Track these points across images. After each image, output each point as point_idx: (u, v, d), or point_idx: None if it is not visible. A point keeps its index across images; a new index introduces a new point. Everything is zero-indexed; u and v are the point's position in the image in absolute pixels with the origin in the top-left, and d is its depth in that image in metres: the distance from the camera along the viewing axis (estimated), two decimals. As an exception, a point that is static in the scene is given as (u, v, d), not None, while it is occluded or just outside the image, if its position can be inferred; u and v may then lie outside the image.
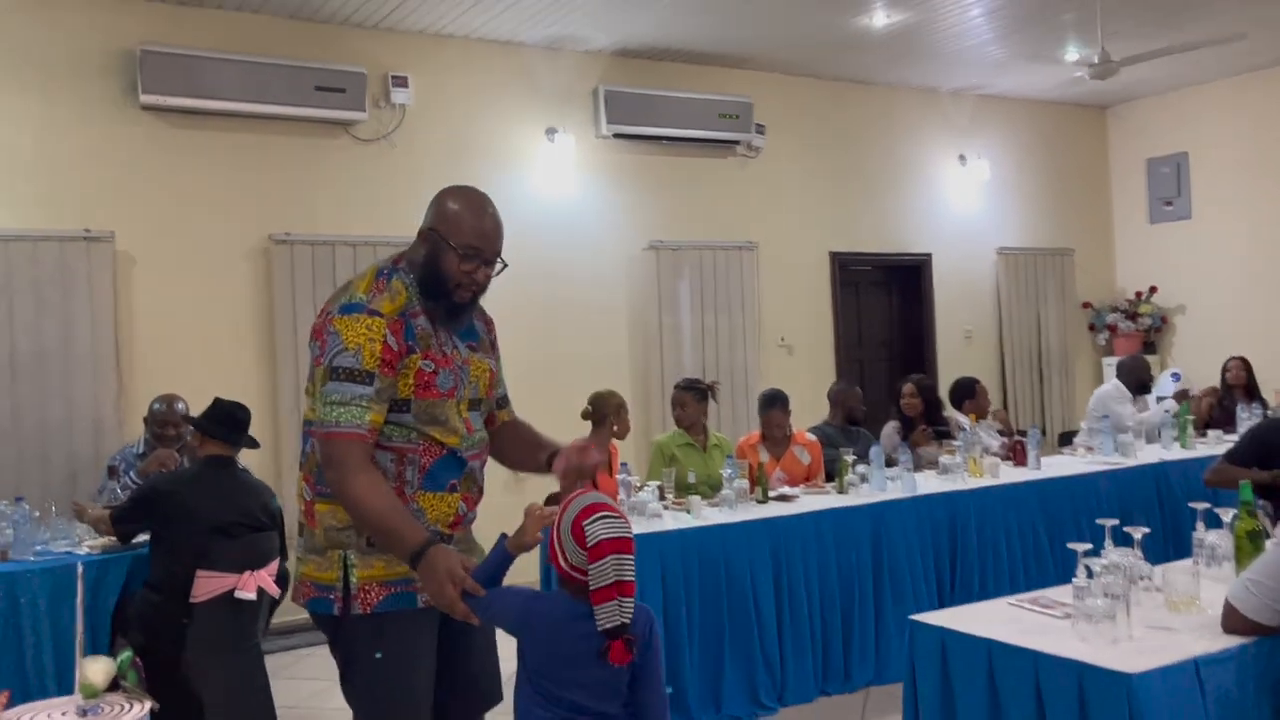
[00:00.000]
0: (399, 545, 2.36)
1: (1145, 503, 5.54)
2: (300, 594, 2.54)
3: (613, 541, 2.05)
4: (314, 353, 2.50)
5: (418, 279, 2.55)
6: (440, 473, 2.53)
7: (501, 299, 6.64)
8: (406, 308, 2.51)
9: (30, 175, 5.53)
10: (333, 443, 2.40)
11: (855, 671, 4.62)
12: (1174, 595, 2.66)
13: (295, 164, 6.16)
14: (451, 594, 2.25)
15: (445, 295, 2.54)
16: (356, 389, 2.40)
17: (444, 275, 2.53)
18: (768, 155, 7.79)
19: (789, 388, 5.87)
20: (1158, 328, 9.20)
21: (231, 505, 4.04)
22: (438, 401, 2.51)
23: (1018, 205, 9.10)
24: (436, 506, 2.54)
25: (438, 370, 2.52)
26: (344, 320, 2.44)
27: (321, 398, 2.43)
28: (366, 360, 2.40)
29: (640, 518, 4.35)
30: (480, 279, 2.58)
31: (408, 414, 2.48)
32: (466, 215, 2.55)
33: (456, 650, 2.62)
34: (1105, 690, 2.20)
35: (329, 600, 2.47)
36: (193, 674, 3.90)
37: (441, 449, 2.53)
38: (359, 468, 2.39)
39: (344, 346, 2.41)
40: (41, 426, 5.37)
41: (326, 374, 2.42)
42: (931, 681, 2.61)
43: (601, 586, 2.02)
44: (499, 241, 2.59)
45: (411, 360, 2.47)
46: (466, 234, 2.53)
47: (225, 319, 5.88)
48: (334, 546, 2.48)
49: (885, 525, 4.74)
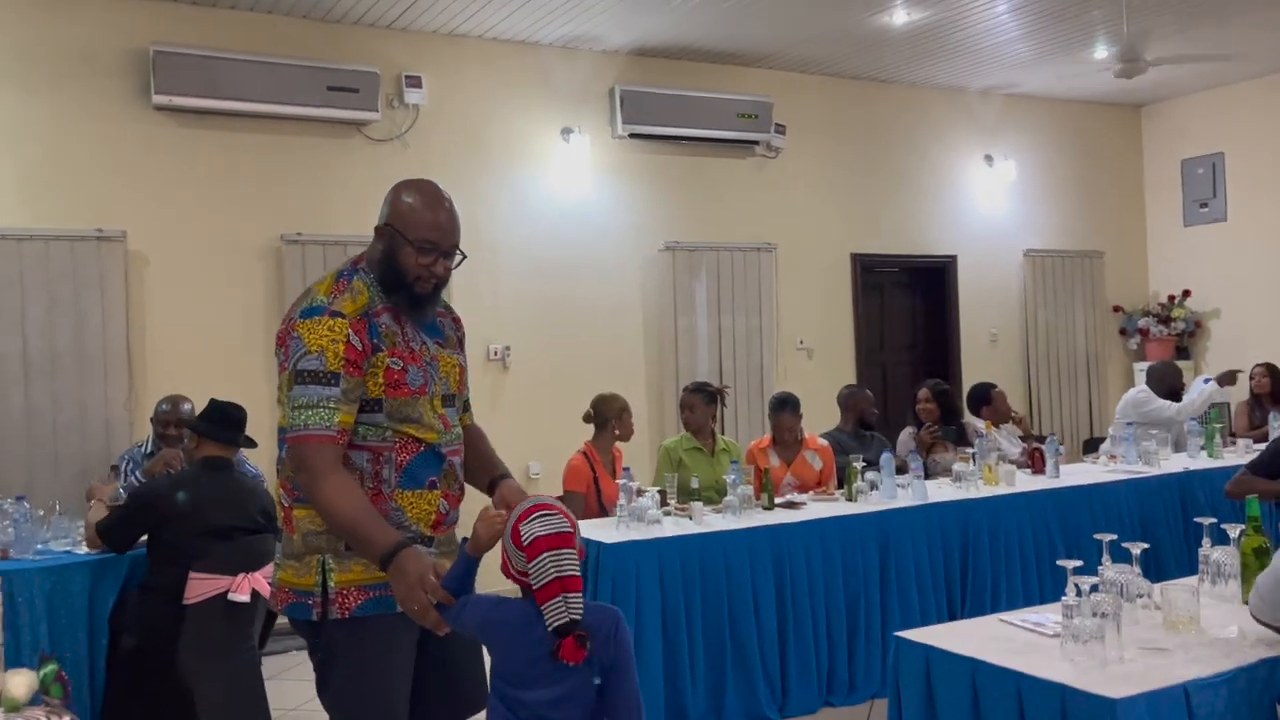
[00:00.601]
0: (369, 548, 2.33)
1: (1167, 514, 5.38)
2: (279, 599, 2.53)
3: (548, 538, 2.03)
4: (279, 360, 2.49)
5: (377, 275, 2.54)
6: (419, 470, 2.51)
7: (515, 300, 6.72)
8: (369, 307, 2.49)
9: (43, 175, 5.57)
10: (302, 446, 2.38)
11: (860, 682, 4.52)
12: (1173, 614, 2.55)
13: (308, 164, 6.16)
14: (423, 600, 2.22)
15: (405, 288, 2.53)
16: (322, 391, 2.38)
17: (402, 269, 2.52)
18: (787, 155, 7.68)
19: (807, 392, 5.79)
20: (1191, 332, 8.97)
21: (228, 507, 4.02)
22: (409, 400, 2.49)
23: (1046, 206, 8.91)
24: (416, 505, 2.51)
25: (406, 367, 2.50)
26: (306, 324, 2.43)
27: (289, 402, 2.42)
28: (330, 362, 2.39)
29: (639, 524, 4.29)
30: (439, 271, 2.55)
31: (379, 413, 2.46)
32: (421, 209, 2.54)
33: (438, 654, 2.59)
34: (1088, 715, 2.11)
35: (307, 605, 2.45)
36: (187, 676, 3.89)
37: (419, 445, 2.51)
38: (329, 470, 2.37)
39: (307, 350, 2.40)
40: (53, 425, 5.41)
41: (292, 379, 2.41)
42: (915, 700, 2.52)
43: (544, 585, 2.00)
44: (456, 234, 2.57)
45: (379, 359, 2.45)
46: (422, 228, 2.51)
47: (237, 319, 5.89)
48: (312, 551, 2.46)
49: (894, 534, 4.64)
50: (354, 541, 2.38)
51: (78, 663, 3.98)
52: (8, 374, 5.34)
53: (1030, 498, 5.05)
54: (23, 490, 4.92)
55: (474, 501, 2.72)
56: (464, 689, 2.67)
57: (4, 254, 5.36)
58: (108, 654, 4.07)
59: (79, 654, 3.99)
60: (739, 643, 4.26)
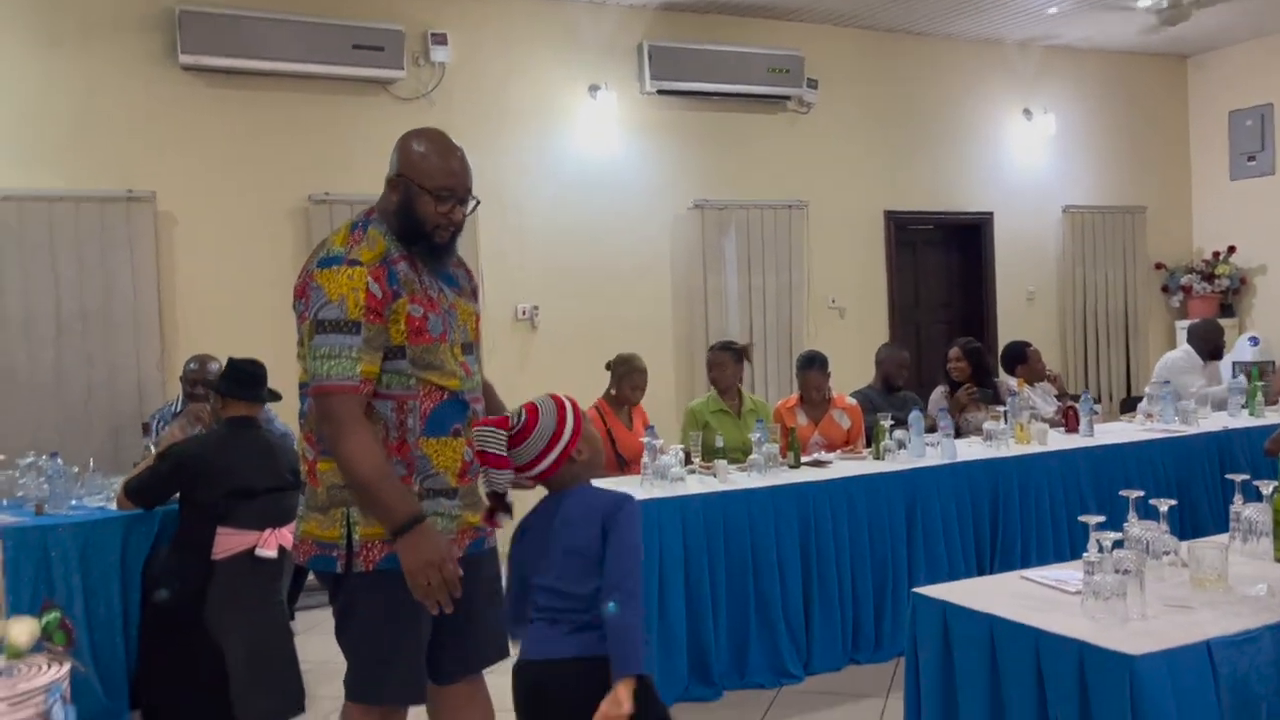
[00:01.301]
0: (387, 512, 2.37)
1: (1205, 473, 5.27)
2: (302, 552, 2.55)
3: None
4: (298, 311, 2.50)
5: (395, 227, 2.54)
6: (443, 417, 2.52)
7: (543, 260, 6.69)
8: (386, 255, 2.50)
9: (71, 137, 5.60)
10: (326, 397, 2.39)
11: (886, 641, 4.49)
12: (1200, 571, 2.48)
13: (334, 124, 6.15)
14: (436, 580, 2.33)
15: (424, 238, 2.54)
16: (344, 340, 2.38)
17: (420, 219, 2.52)
18: (820, 110, 7.55)
19: (839, 351, 5.71)
20: (1235, 289, 8.75)
21: (256, 466, 4.05)
22: (431, 346, 2.50)
23: (1086, 161, 8.70)
24: (441, 453, 2.52)
25: (427, 315, 2.50)
26: (325, 273, 2.43)
27: (310, 352, 2.42)
28: (351, 310, 2.39)
29: (663, 481, 4.27)
30: (457, 218, 2.56)
31: (403, 360, 2.47)
32: (434, 156, 2.54)
33: (460, 603, 2.60)
34: (1106, 672, 2.06)
35: (332, 558, 2.48)
36: (215, 630, 3.95)
37: (442, 393, 2.52)
38: (354, 425, 2.38)
39: (327, 299, 2.40)
40: (85, 386, 5.48)
41: (313, 328, 2.42)
42: (932, 656, 2.49)
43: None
44: (469, 178, 2.58)
45: (399, 305, 2.45)
46: (438, 175, 2.51)
47: (266, 279, 5.91)
48: (336, 505, 2.48)
49: (921, 493, 4.58)
50: (370, 502, 2.39)
51: (111, 616, 4.06)
52: (40, 335, 5.41)
53: (1063, 456, 4.96)
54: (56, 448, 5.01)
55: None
56: (485, 637, 2.70)
57: (34, 216, 5.41)
58: (140, 608, 4.14)
59: (113, 607, 4.06)
60: (763, 600, 4.24)
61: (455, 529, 2.57)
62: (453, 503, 2.56)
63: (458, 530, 2.58)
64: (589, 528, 2.21)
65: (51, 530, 3.98)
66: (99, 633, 4.03)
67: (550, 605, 2.25)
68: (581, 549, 2.22)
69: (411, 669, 2.52)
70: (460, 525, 2.58)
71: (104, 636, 4.04)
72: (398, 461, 2.47)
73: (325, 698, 4.24)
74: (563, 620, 2.23)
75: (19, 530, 3.94)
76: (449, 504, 2.55)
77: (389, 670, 2.50)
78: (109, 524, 4.09)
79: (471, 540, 2.62)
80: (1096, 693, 2.08)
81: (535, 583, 2.27)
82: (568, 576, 2.23)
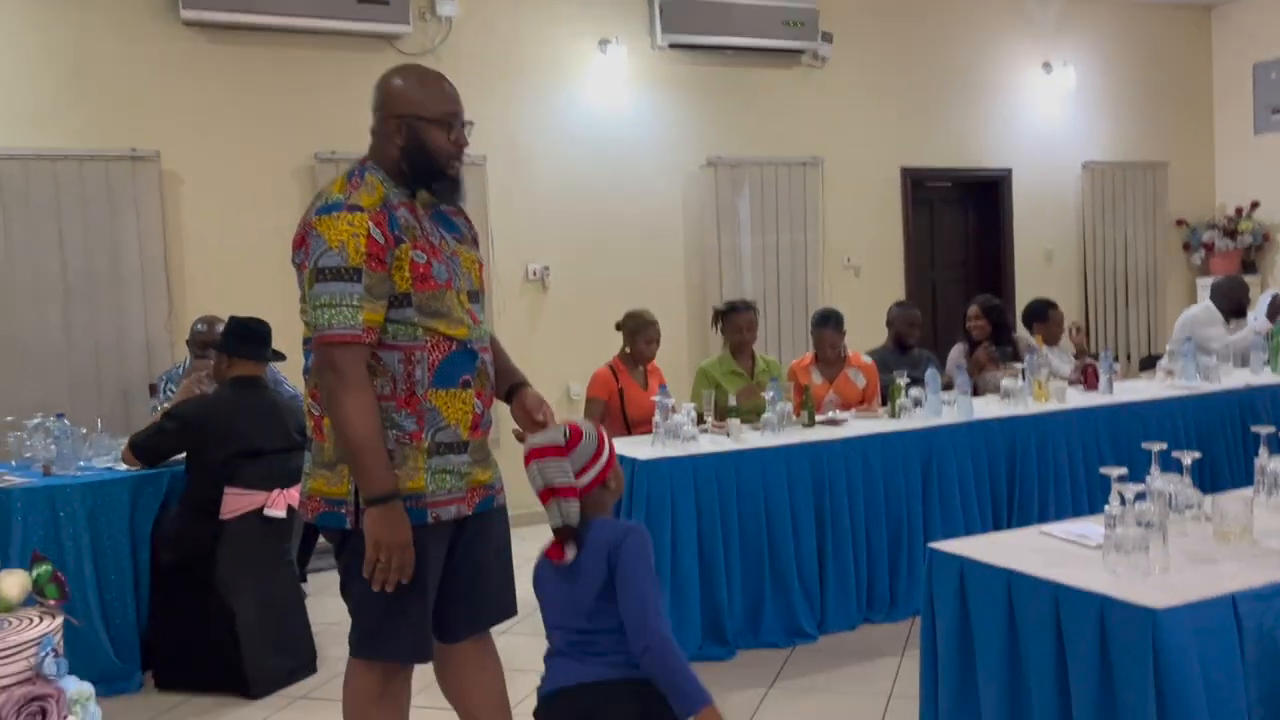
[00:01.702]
0: (370, 477, 2.35)
1: (1226, 431, 5.18)
2: (309, 509, 2.52)
3: (536, 449, 2.20)
4: (297, 262, 2.45)
5: (409, 168, 2.49)
6: (452, 368, 2.48)
7: (554, 219, 6.61)
8: (386, 200, 2.44)
9: (74, 94, 5.53)
10: (329, 348, 2.35)
11: (901, 600, 4.45)
12: (1224, 525, 2.42)
13: (339, 80, 6.05)
14: (395, 561, 2.34)
15: (440, 173, 2.50)
16: (345, 288, 2.33)
17: (434, 153, 2.48)
18: (835, 65, 7.40)
19: (855, 310, 5.62)
20: (1259, 246, 8.59)
21: (263, 426, 4.03)
22: (437, 293, 2.44)
23: (1107, 115, 8.52)
24: (451, 404, 2.48)
25: (430, 261, 2.45)
26: (324, 220, 2.38)
27: (311, 301, 2.37)
28: (352, 257, 2.34)
29: (675, 441, 4.21)
30: (464, 143, 2.53)
31: (410, 308, 2.42)
32: (426, 86, 2.50)
33: (468, 561, 2.60)
34: (1128, 626, 2.00)
35: (340, 514, 2.45)
36: (225, 592, 3.94)
37: (450, 343, 2.47)
38: (356, 384, 2.35)
39: (327, 246, 2.35)
40: (93, 347, 5.45)
41: (313, 277, 2.37)
42: (949, 612, 2.43)
43: (538, 491, 2.19)
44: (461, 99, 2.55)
45: (402, 251, 2.40)
46: (437, 103, 2.48)
47: (273, 239, 5.81)
48: (344, 460, 2.44)
49: (937, 451, 4.51)
50: (356, 465, 2.37)
51: (121, 577, 4.05)
52: (47, 295, 5.37)
53: (1082, 414, 4.88)
54: (65, 410, 4.99)
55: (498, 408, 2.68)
56: (493, 595, 2.68)
57: (39, 175, 5.36)
58: (150, 568, 4.13)
59: (123, 568, 4.05)
60: (777, 560, 4.20)
61: (465, 487, 2.53)
62: (462, 458, 2.51)
63: (467, 488, 2.53)
64: (599, 562, 2.12)
65: (59, 491, 3.97)
66: (109, 593, 4.02)
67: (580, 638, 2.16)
68: (594, 582, 2.14)
69: (418, 626, 2.49)
70: (470, 483, 2.54)
71: (115, 597, 4.03)
72: (407, 415, 2.42)
73: (337, 658, 4.23)
74: (594, 649, 2.14)
75: (27, 491, 3.93)
76: (459, 460, 2.50)
77: (395, 627, 2.47)
78: (117, 485, 4.07)
79: (481, 499, 2.58)
80: (1118, 647, 2.02)
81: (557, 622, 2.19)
82: (589, 612, 2.14)
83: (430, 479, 2.45)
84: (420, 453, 2.44)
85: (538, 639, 2.29)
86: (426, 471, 2.45)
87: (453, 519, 2.49)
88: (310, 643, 4.20)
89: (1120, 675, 2.00)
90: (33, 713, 1.45)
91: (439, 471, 2.47)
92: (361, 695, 2.53)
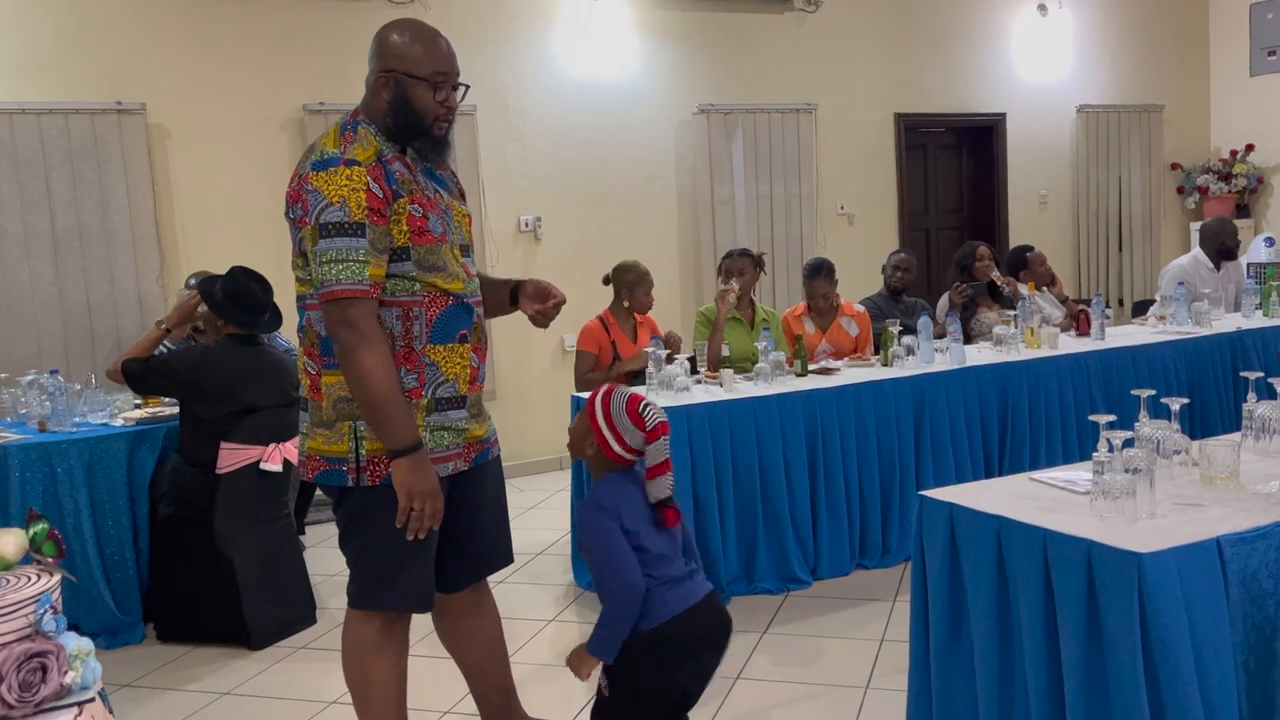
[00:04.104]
0: (393, 433, 2.36)
1: (1217, 375, 5.22)
2: (309, 468, 2.53)
3: (665, 425, 2.35)
4: (295, 216, 2.43)
5: (391, 125, 2.46)
6: (449, 323, 2.49)
7: (545, 169, 6.56)
8: (380, 154, 2.43)
9: (57, 47, 5.45)
10: (339, 304, 2.34)
11: (894, 547, 4.50)
12: (1211, 470, 2.44)
13: (327, 30, 5.97)
14: (427, 508, 2.38)
15: (425, 132, 2.47)
16: (350, 242, 2.32)
17: (420, 112, 2.45)
18: (827, 9, 7.31)
19: (848, 259, 5.61)
20: (1253, 189, 8.57)
21: (258, 381, 4.03)
22: (434, 247, 2.45)
23: (1102, 59, 8.45)
24: (449, 359, 2.49)
25: (427, 215, 2.45)
26: (321, 176, 2.36)
27: (316, 258, 2.36)
28: (354, 212, 2.33)
29: (668, 391, 4.23)
30: (453, 105, 2.50)
31: (409, 262, 2.42)
32: (421, 44, 2.46)
33: (464, 513, 2.62)
34: (1114, 570, 2.02)
35: (342, 472, 2.46)
36: (224, 544, 3.97)
37: (447, 298, 2.48)
38: (373, 339, 2.35)
39: (328, 202, 2.34)
40: (85, 302, 5.43)
41: (316, 233, 2.35)
42: (939, 558, 2.46)
43: (658, 463, 2.33)
44: (456, 61, 2.50)
45: (400, 205, 2.40)
46: (429, 62, 2.44)
47: (263, 191, 5.80)
48: (343, 419, 2.45)
49: (930, 398, 4.54)
50: (378, 419, 2.37)
51: (121, 531, 4.08)
52: (38, 251, 5.34)
53: (1073, 360, 4.90)
54: (58, 366, 4.99)
55: (505, 367, 2.68)
56: (490, 545, 2.73)
57: (25, 129, 5.30)
58: (149, 522, 4.16)
59: (121, 522, 4.07)
60: (770, 507, 4.23)
61: (462, 443, 2.55)
62: (460, 414, 2.53)
63: (465, 444, 2.55)
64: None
65: (56, 447, 3.98)
66: (109, 547, 4.05)
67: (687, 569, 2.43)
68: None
69: (420, 577, 2.52)
70: (467, 439, 2.56)
71: (114, 551, 4.06)
72: (407, 371, 2.43)
73: (336, 609, 4.29)
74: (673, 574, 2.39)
75: (24, 448, 3.94)
76: (457, 416, 2.52)
77: (395, 578, 2.50)
78: (114, 440, 4.08)
79: (477, 454, 2.61)
80: (1105, 591, 2.05)
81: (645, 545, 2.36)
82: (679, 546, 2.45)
83: (429, 436, 2.47)
84: (420, 410, 2.45)
85: (535, 588, 2.35)
86: (425, 429, 2.46)
87: (449, 475, 2.51)
88: (309, 594, 4.25)
89: (1107, 618, 2.03)
90: (33, 669, 1.47)
91: (437, 429, 2.49)
92: (360, 645, 2.57)
